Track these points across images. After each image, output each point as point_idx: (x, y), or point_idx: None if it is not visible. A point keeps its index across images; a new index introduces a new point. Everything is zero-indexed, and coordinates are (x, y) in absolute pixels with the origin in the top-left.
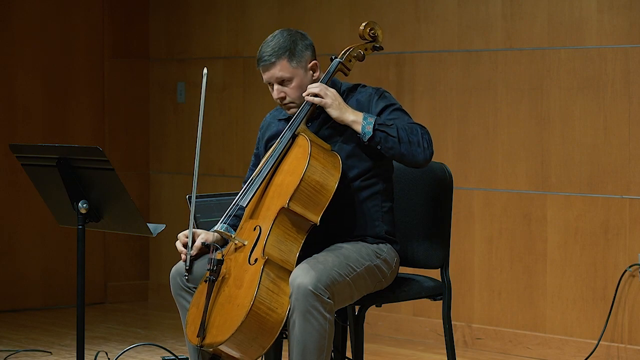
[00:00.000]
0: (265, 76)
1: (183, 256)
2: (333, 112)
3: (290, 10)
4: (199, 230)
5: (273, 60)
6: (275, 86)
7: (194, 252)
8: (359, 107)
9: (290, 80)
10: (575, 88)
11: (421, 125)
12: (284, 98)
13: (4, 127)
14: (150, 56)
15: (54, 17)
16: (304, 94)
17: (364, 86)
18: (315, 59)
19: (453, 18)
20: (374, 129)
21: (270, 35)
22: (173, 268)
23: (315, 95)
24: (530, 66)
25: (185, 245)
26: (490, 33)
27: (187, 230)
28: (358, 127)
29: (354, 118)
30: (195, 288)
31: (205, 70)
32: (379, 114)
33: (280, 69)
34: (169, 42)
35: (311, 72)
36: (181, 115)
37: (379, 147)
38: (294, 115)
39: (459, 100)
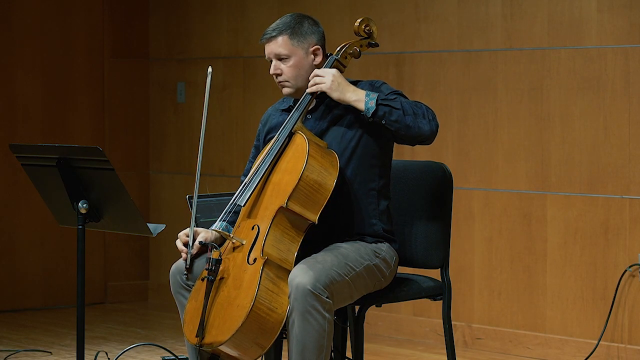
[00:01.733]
0: (266, 51)
1: (183, 255)
2: (333, 94)
3: (290, 10)
4: (199, 229)
5: (274, 35)
6: (273, 62)
7: (194, 251)
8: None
9: (288, 58)
10: (575, 88)
11: (423, 103)
12: (279, 75)
13: (4, 127)
14: (150, 56)
15: (54, 17)
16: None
17: (361, 82)
18: (319, 45)
19: (453, 18)
20: (377, 104)
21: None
22: (173, 266)
23: (314, 84)
24: (530, 66)
25: (185, 245)
26: (490, 33)
27: (188, 229)
28: (361, 105)
29: (356, 97)
30: None
31: (210, 69)
32: None
33: (279, 45)
34: (169, 42)
35: (312, 56)
36: (181, 115)
37: (383, 122)
38: (294, 107)
39: (459, 100)
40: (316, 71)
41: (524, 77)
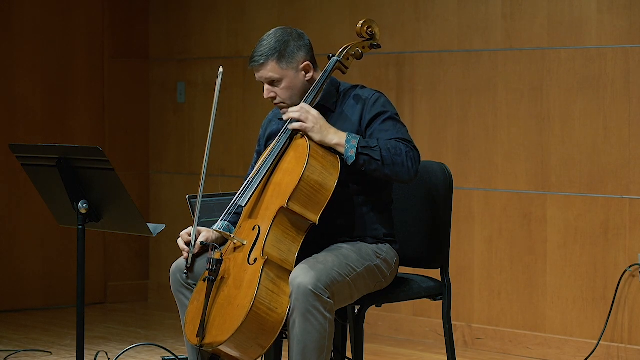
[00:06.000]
0: (256, 75)
1: (185, 254)
2: (315, 136)
3: (290, 11)
4: (201, 229)
5: (262, 61)
6: (266, 86)
7: (195, 250)
8: (355, 102)
9: (280, 81)
10: (575, 88)
11: (407, 143)
12: (274, 98)
13: (4, 127)
14: (150, 56)
15: (54, 17)
16: (284, 117)
17: (364, 87)
18: (309, 60)
19: (453, 18)
20: (357, 153)
21: (266, 33)
22: (173, 264)
23: (296, 120)
24: (530, 66)
25: (187, 244)
26: (490, 33)
27: (190, 228)
28: (341, 150)
29: (337, 141)
30: (196, 284)
31: (221, 69)
32: (371, 121)
33: (269, 70)
34: (169, 42)
35: (303, 72)
36: (181, 115)
37: (363, 169)
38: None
39: (459, 100)
40: (294, 111)
41: (524, 77)
